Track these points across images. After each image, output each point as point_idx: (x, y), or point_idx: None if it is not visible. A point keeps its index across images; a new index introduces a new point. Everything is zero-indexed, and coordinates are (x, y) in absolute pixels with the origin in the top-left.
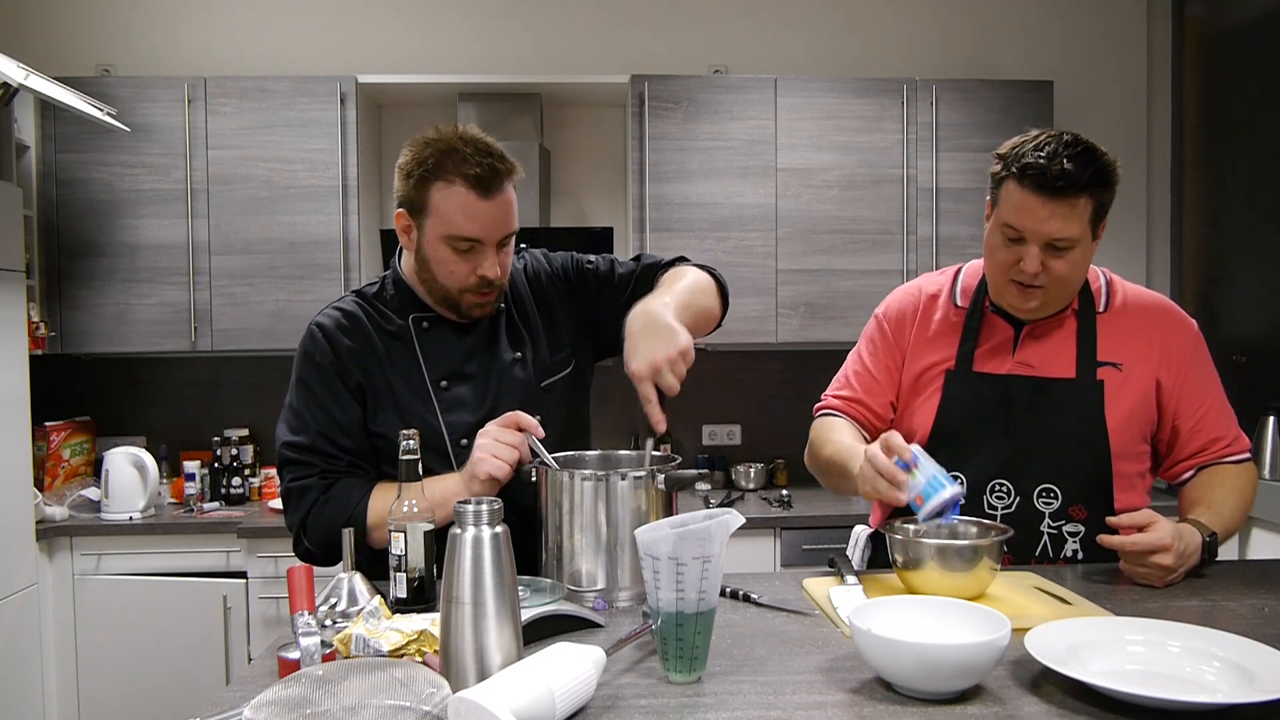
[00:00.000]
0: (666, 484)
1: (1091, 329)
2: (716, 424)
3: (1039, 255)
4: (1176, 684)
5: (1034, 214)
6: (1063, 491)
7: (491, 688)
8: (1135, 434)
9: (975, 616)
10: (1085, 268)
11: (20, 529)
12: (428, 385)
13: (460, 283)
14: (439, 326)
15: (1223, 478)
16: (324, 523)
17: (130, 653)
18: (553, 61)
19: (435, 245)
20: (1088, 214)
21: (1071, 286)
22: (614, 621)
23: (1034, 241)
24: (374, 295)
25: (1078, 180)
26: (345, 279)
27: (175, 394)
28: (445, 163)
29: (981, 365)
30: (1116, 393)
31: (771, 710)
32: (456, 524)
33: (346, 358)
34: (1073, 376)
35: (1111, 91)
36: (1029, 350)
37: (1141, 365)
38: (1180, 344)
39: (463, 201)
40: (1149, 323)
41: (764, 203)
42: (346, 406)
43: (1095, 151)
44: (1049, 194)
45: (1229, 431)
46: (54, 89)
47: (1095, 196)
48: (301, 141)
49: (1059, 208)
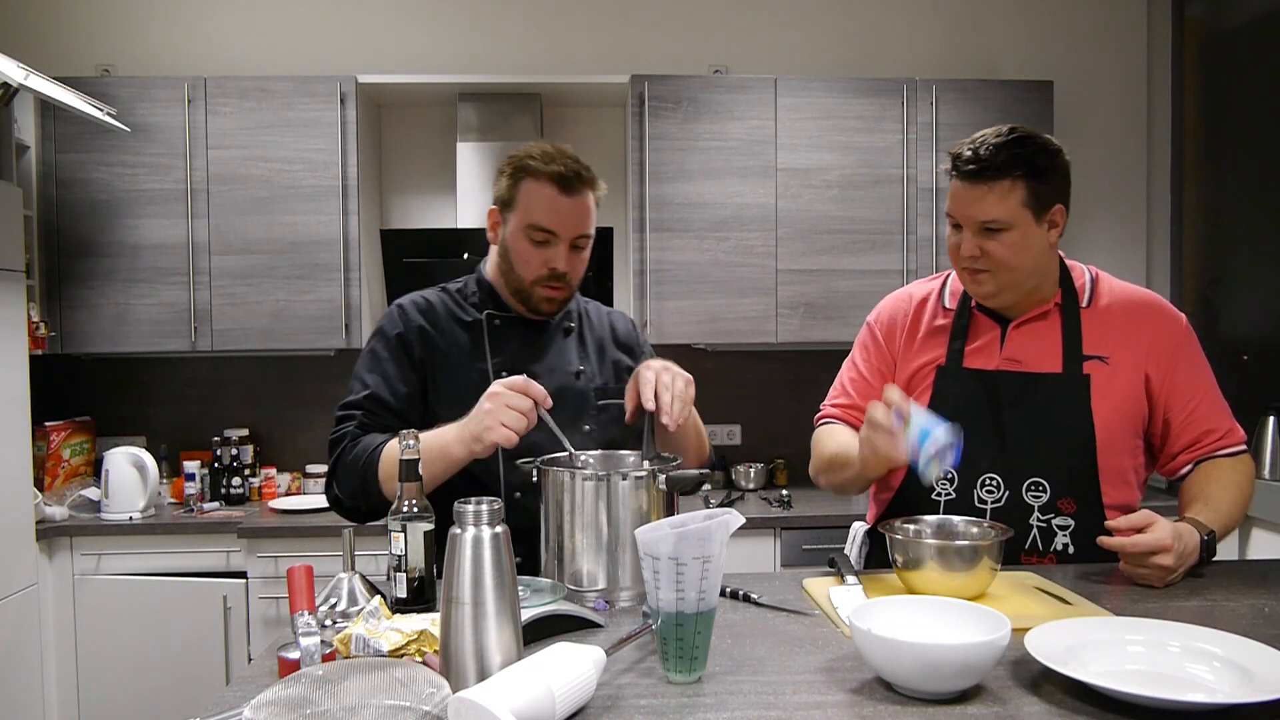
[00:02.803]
0: (667, 484)
1: (1076, 323)
2: (716, 424)
3: (973, 239)
4: (1176, 684)
5: (961, 199)
6: (1051, 485)
7: (491, 688)
8: (1124, 427)
9: (975, 616)
10: (1030, 252)
11: (20, 529)
12: (490, 376)
13: (534, 273)
14: (509, 325)
15: (1219, 472)
16: (347, 465)
17: (130, 653)
18: (553, 61)
19: (516, 236)
20: (1018, 197)
21: (1018, 270)
22: (614, 621)
23: (967, 226)
24: (457, 290)
25: (993, 163)
26: (345, 279)
27: (175, 394)
28: (535, 163)
29: (971, 362)
30: (1104, 386)
31: (771, 710)
32: (456, 524)
33: (415, 335)
34: (1059, 371)
35: (1111, 91)
36: (1016, 346)
37: (1129, 359)
38: (1168, 337)
39: (545, 195)
40: (1136, 317)
41: (764, 203)
42: (405, 374)
43: (1027, 139)
44: (971, 179)
45: (1222, 424)
46: (54, 89)
47: (1024, 180)
48: (301, 141)
49: (982, 191)
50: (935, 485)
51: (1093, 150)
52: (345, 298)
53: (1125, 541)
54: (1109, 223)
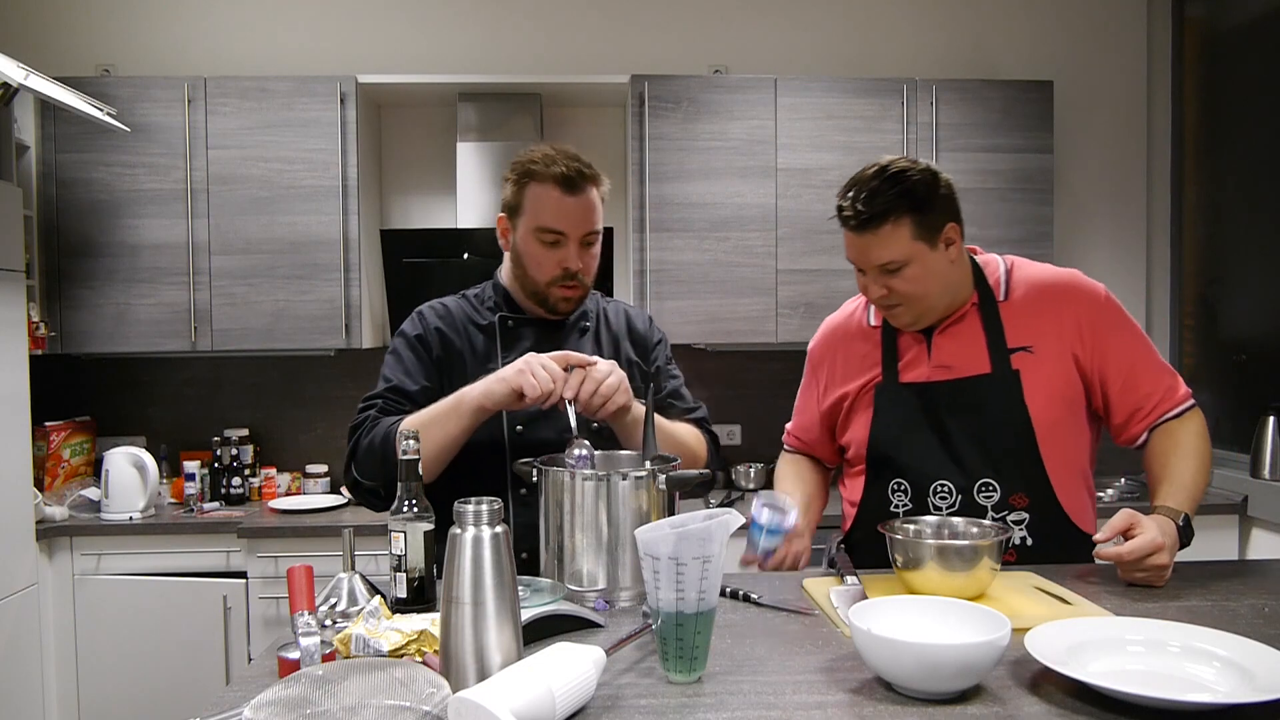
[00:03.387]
0: (667, 484)
1: (995, 319)
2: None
3: (877, 281)
4: (1176, 684)
5: (855, 247)
6: (1000, 484)
7: (491, 688)
8: (1062, 412)
9: (975, 616)
10: (935, 278)
11: (20, 529)
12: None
13: (548, 275)
14: (524, 327)
15: (1174, 442)
16: (366, 446)
17: (130, 653)
18: (553, 61)
19: (527, 240)
20: (906, 234)
21: (929, 297)
22: (614, 621)
23: (867, 270)
24: (475, 296)
25: (873, 210)
26: (345, 279)
27: (175, 394)
28: (538, 167)
29: (905, 375)
30: (1034, 377)
31: (771, 710)
32: (456, 524)
33: (432, 335)
34: (988, 371)
35: (1111, 91)
36: (944, 352)
37: (1053, 343)
38: (1088, 312)
39: (551, 197)
40: (1054, 300)
41: (764, 203)
42: (426, 370)
43: (900, 175)
44: (855, 230)
45: (1160, 383)
46: (54, 89)
47: (908, 215)
48: (301, 141)
49: (868, 239)
50: (891, 498)
51: (1093, 150)
52: (345, 298)
53: (1120, 550)
54: (1109, 223)
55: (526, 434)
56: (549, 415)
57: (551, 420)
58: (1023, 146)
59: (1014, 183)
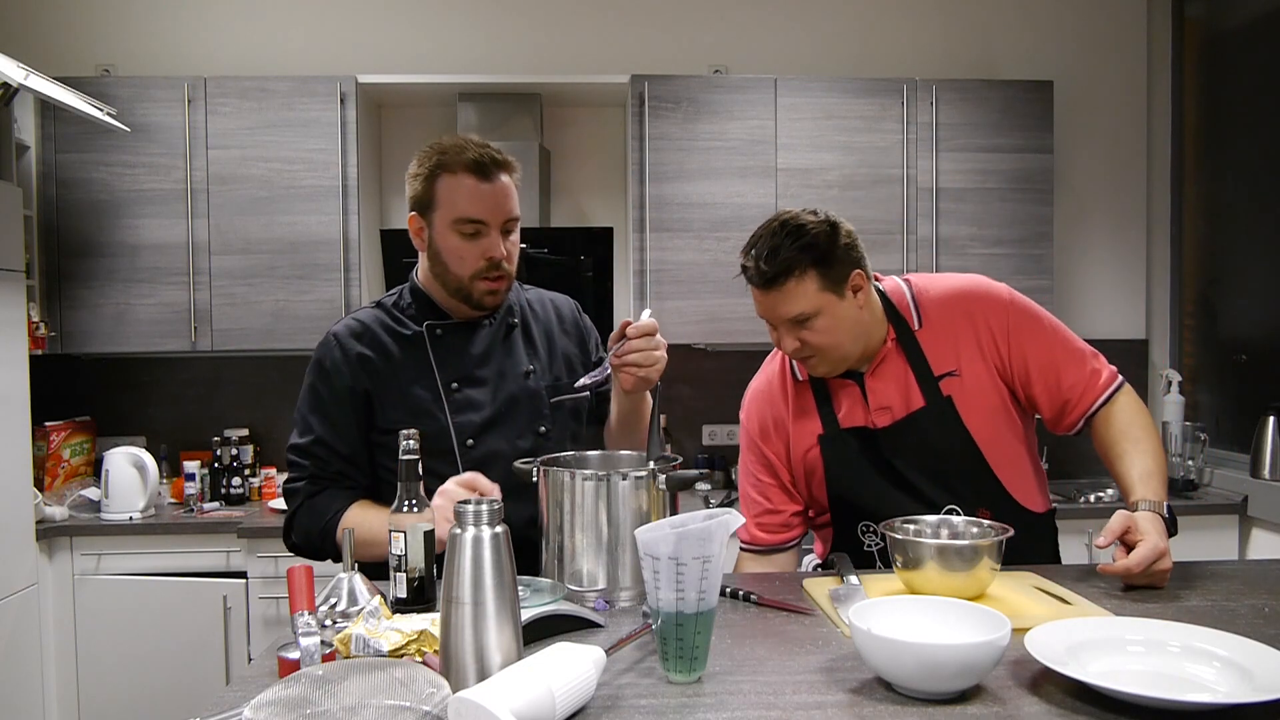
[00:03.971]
0: (667, 484)
1: (917, 350)
2: (716, 424)
3: (789, 335)
4: (1176, 684)
5: (763, 304)
6: (963, 506)
7: (491, 688)
8: (1000, 425)
9: (975, 616)
10: (846, 326)
11: (20, 529)
12: (439, 387)
13: (471, 268)
14: (452, 333)
15: (1117, 429)
16: (305, 527)
17: (130, 653)
18: (553, 61)
19: (445, 235)
20: (812, 287)
21: (842, 346)
22: (614, 621)
23: (779, 325)
24: (392, 304)
25: (776, 268)
26: (345, 279)
27: (175, 394)
28: (448, 158)
29: (846, 423)
30: (965, 398)
31: (771, 710)
32: (456, 524)
33: (356, 364)
34: (924, 404)
35: (1111, 91)
36: (879, 396)
37: (974, 360)
38: (997, 319)
39: (465, 186)
40: (963, 314)
41: (764, 203)
42: (346, 413)
43: (799, 230)
44: (760, 287)
45: (1083, 372)
46: (54, 89)
47: (812, 269)
48: (301, 141)
49: (775, 295)
50: (862, 539)
51: (1093, 150)
52: (345, 298)
53: (1129, 564)
54: (1109, 223)
55: (477, 447)
56: (499, 427)
57: (502, 431)
58: (1023, 146)
59: (1014, 183)
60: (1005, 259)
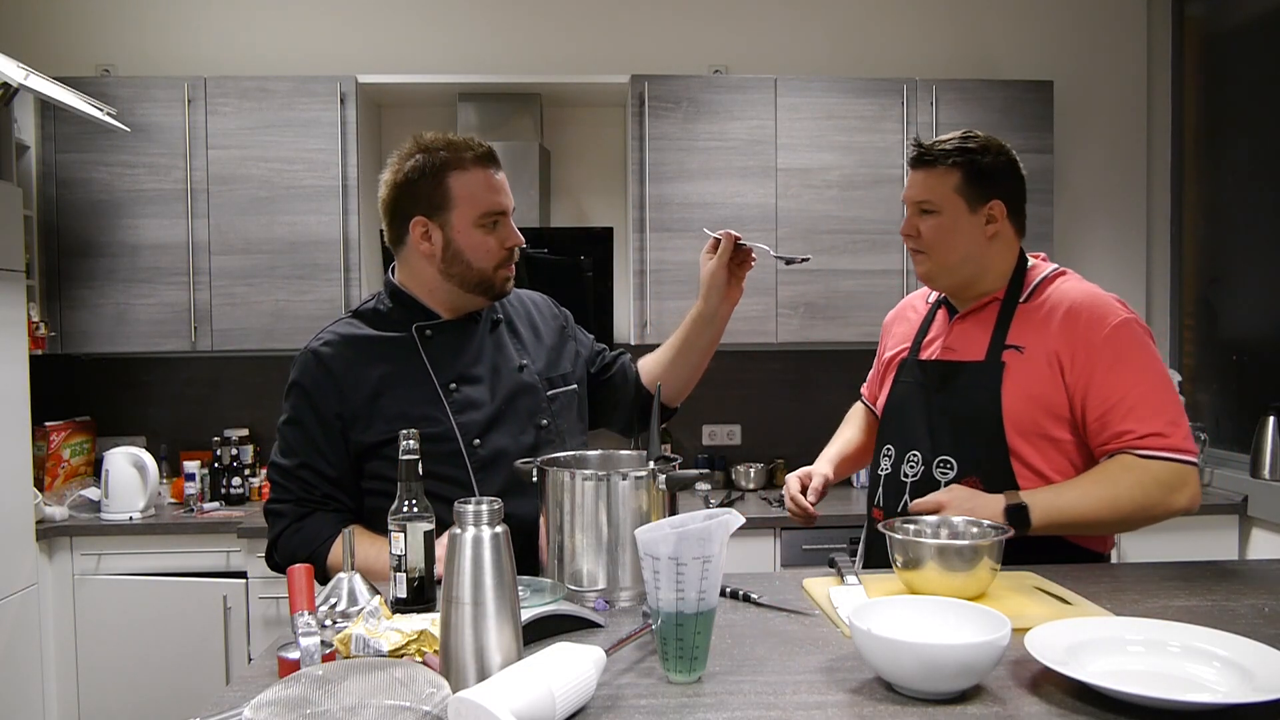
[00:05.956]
0: (667, 484)
1: (1008, 315)
2: (716, 424)
3: (912, 219)
4: (1176, 684)
5: (909, 184)
6: (959, 463)
7: (491, 688)
8: (1037, 414)
9: (975, 616)
10: (960, 239)
11: (20, 529)
12: (437, 389)
13: (495, 259)
14: (442, 333)
15: (1105, 466)
16: (291, 550)
17: (130, 653)
18: (553, 61)
19: (467, 232)
20: (951, 183)
21: (948, 255)
22: (614, 621)
23: (910, 207)
24: (370, 312)
25: (935, 152)
26: (345, 279)
27: (175, 394)
28: (452, 155)
29: (923, 353)
30: (1016, 373)
31: (771, 710)
32: (456, 524)
33: (340, 381)
34: (981, 359)
35: (1111, 91)
36: (956, 336)
37: (1043, 349)
38: (1091, 332)
39: (483, 179)
40: (1064, 314)
41: (764, 203)
42: (333, 436)
43: (975, 138)
44: (915, 165)
45: (1142, 427)
46: (54, 89)
47: (960, 169)
48: (301, 141)
49: (921, 175)
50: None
51: (1093, 150)
52: (345, 298)
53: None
54: (1109, 222)
55: (484, 445)
56: (502, 424)
57: (505, 428)
58: (1023, 146)
59: None
60: None
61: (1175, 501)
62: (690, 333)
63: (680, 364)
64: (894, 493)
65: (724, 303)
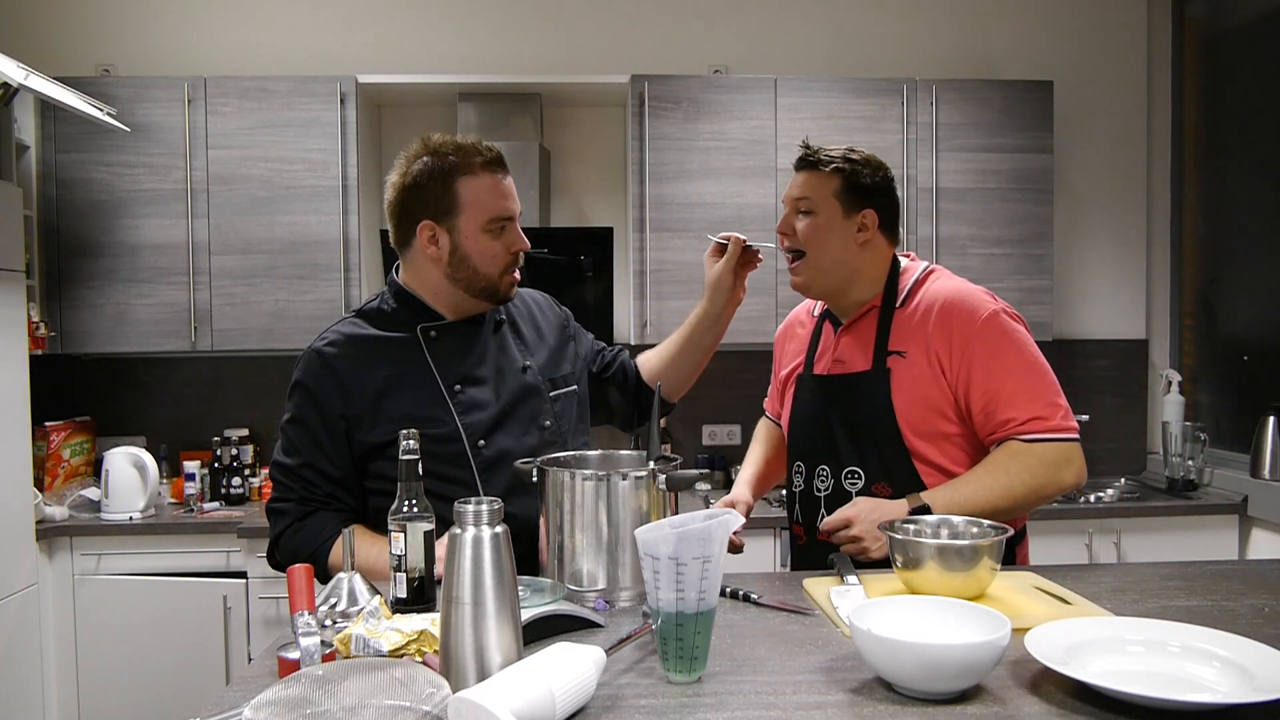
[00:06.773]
0: (668, 484)
1: (887, 323)
2: (716, 424)
3: (791, 214)
4: (1176, 684)
5: (791, 184)
6: (865, 472)
7: (491, 688)
8: (928, 414)
9: (975, 616)
10: (835, 243)
11: (20, 529)
12: (442, 390)
13: (501, 264)
14: (447, 334)
15: (995, 455)
16: (293, 549)
17: (130, 653)
18: (553, 61)
19: (474, 237)
20: (831, 186)
21: (822, 258)
22: (614, 621)
23: (788, 206)
24: (375, 312)
25: (818, 157)
26: (345, 279)
27: (175, 394)
28: (461, 160)
29: (817, 367)
30: (902, 378)
31: (771, 710)
32: (456, 524)
33: (345, 382)
34: (868, 369)
35: (1111, 91)
36: (843, 348)
37: (923, 351)
38: (959, 330)
39: (491, 184)
40: (937, 313)
41: (764, 203)
42: (336, 435)
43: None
44: (799, 167)
45: (1022, 413)
46: (54, 89)
47: (840, 176)
48: (301, 141)
49: (803, 176)
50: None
51: (1093, 150)
52: (345, 298)
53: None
54: (1109, 223)
55: (489, 446)
56: (506, 425)
57: (510, 429)
58: (1023, 146)
59: (1014, 183)
60: (1005, 259)
61: (1064, 479)
62: (693, 333)
63: (681, 362)
64: (810, 508)
65: (728, 304)
